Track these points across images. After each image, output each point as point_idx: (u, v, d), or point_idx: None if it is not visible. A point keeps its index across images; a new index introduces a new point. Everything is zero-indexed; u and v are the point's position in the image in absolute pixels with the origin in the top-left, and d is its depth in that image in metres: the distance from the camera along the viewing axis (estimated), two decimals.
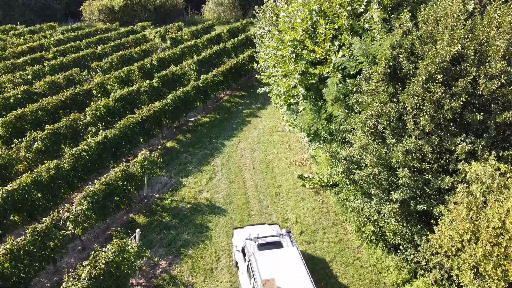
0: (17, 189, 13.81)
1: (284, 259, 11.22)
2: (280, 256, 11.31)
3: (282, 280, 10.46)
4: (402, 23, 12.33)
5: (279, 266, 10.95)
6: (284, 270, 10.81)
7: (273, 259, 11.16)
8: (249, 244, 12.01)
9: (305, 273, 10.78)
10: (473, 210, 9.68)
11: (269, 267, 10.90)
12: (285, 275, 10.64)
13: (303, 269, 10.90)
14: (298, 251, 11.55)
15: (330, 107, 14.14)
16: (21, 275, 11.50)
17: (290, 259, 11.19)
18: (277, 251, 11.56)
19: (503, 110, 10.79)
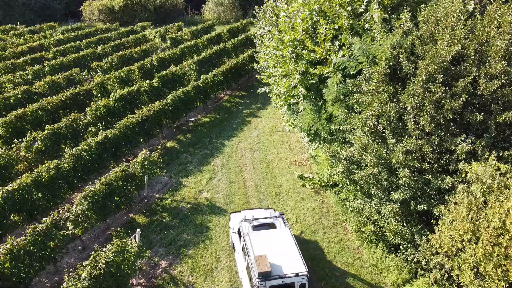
0: (18, 189, 13.82)
1: (277, 238, 11.94)
2: (273, 236, 12.04)
3: (274, 256, 11.17)
4: (403, 23, 12.33)
5: (271, 244, 11.67)
6: (276, 248, 11.52)
7: (266, 239, 11.86)
8: (244, 225, 12.68)
9: (296, 250, 11.51)
10: (474, 210, 9.68)
11: (262, 245, 11.59)
12: (276, 252, 11.35)
13: (294, 247, 11.60)
14: (290, 232, 12.29)
15: (330, 107, 14.14)
16: (21, 275, 11.51)
17: (282, 239, 11.92)
18: (270, 231, 12.30)
19: (503, 110, 10.79)
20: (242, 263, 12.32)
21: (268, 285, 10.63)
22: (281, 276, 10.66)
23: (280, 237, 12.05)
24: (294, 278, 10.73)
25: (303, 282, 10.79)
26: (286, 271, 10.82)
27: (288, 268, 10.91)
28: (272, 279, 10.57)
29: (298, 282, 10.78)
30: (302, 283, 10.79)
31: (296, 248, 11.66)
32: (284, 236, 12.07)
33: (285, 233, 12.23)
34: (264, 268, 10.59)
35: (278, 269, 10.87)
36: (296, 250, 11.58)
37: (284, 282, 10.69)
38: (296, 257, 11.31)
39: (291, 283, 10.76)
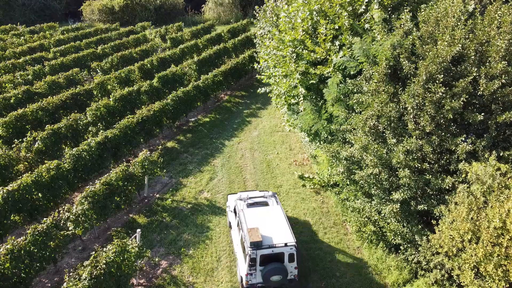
0: (18, 189, 13.82)
1: (268, 214, 12.92)
2: (265, 212, 13.01)
3: (265, 229, 12.15)
4: (403, 23, 12.33)
5: (263, 219, 12.62)
6: (268, 222, 12.49)
7: (258, 214, 12.83)
8: (239, 203, 13.62)
9: (286, 224, 12.46)
10: (474, 210, 9.68)
11: (255, 219, 12.54)
12: (268, 226, 12.34)
13: (284, 221, 12.57)
14: (281, 209, 13.26)
15: (330, 107, 14.14)
16: (21, 275, 11.51)
17: (274, 214, 12.91)
18: (263, 208, 13.26)
19: (504, 110, 10.79)
20: (237, 238, 13.13)
21: (259, 254, 11.47)
22: (271, 246, 11.54)
23: (272, 213, 12.96)
24: (283, 248, 11.59)
25: (292, 252, 11.64)
26: (275, 241, 11.70)
27: (278, 239, 11.79)
28: (263, 248, 11.46)
29: (287, 252, 11.63)
30: (291, 253, 11.65)
31: (286, 222, 12.55)
32: (276, 212, 12.99)
33: (277, 209, 13.16)
34: (255, 238, 11.46)
35: (269, 240, 11.76)
36: (286, 224, 12.47)
37: (274, 251, 11.56)
38: (285, 230, 12.20)
39: (280, 253, 11.60)
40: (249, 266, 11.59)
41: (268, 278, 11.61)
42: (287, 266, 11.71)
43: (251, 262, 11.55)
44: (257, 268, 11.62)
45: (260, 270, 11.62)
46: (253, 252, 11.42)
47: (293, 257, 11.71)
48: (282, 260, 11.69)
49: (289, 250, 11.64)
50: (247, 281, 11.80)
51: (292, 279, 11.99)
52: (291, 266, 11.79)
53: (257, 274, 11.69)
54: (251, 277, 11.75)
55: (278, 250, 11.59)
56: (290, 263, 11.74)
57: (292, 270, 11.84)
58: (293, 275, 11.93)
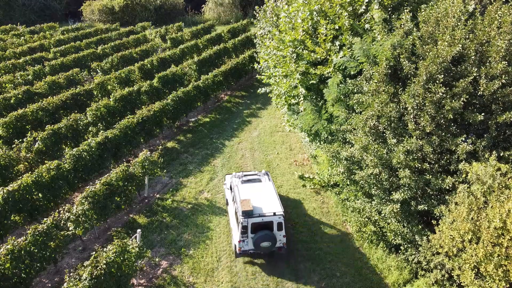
0: (18, 189, 13.82)
1: (260, 189, 14.19)
2: (258, 187, 14.28)
3: (257, 201, 13.40)
4: (403, 23, 12.33)
5: (255, 193, 13.86)
6: (259, 195, 13.74)
7: (251, 189, 14.10)
8: (235, 180, 14.89)
9: (275, 197, 13.72)
10: (474, 210, 9.68)
11: (248, 193, 13.81)
12: (259, 198, 13.58)
13: (274, 195, 13.83)
14: (273, 184, 14.60)
15: (330, 107, 14.15)
16: (22, 276, 11.51)
17: (265, 189, 14.20)
18: (256, 184, 14.56)
19: (504, 110, 10.79)
20: (232, 212, 14.22)
21: (250, 222, 12.72)
22: (261, 215, 12.81)
23: (264, 188, 14.27)
24: (272, 217, 12.83)
25: (280, 221, 12.88)
26: (265, 211, 12.97)
27: (267, 209, 13.07)
28: (254, 217, 12.73)
29: (276, 221, 12.86)
30: (279, 222, 12.88)
31: (276, 196, 13.83)
32: (267, 188, 14.32)
33: (268, 185, 14.53)
34: (247, 208, 12.74)
35: (259, 209, 13.04)
36: (276, 197, 13.74)
37: (263, 220, 12.81)
38: (275, 202, 13.48)
39: (269, 221, 12.84)
40: (241, 233, 12.85)
41: (259, 245, 12.79)
42: (276, 234, 12.93)
43: (243, 230, 12.80)
44: (248, 235, 12.86)
45: (252, 238, 12.84)
46: (245, 220, 12.68)
47: (282, 226, 12.93)
48: (271, 229, 12.90)
49: (278, 219, 12.87)
50: (240, 247, 13.02)
51: (281, 247, 13.25)
52: (280, 234, 13.02)
53: (248, 241, 12.94)
54: (243, 244, 13.00)
55: (267, 219, 12.81)
56: (279, 231, 12.97)
57: (281, 238, 13.07)
58: (281, 243, 13.17)
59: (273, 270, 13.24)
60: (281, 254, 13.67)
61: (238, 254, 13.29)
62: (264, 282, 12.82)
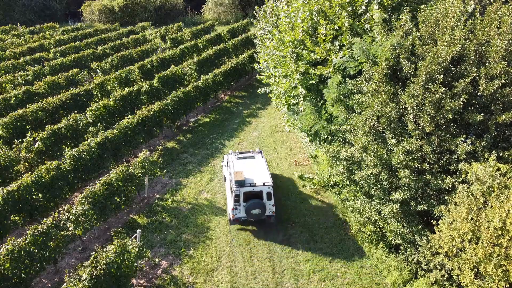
0: (18, 190, 13.82)
1: (253, 164, 15.65)
2: (251, 163, 15.72)
3: (249, 174, 14.84)
4: (403, 23, 12.33)
5: (248, 167, 15.31)
6: (251, 169, 15.18)
7: (245, 164, 15.56)
8: (231, 157, 16.42)
9: (266, 171, 15.14)
10: (474, 210, 9.68)
11: (241, 167, 15.28)
12: (251, 171, 15.03)
13: (265, 169, 15.28)
14: (265, 161, 16.05)
15: (330, 107, 14.15)
16: (21, 276, 11.51)
17: (258, 164, 15.63)
18: (250, 160, 16.01)
19: (504, 110, 10.79)
20: (228, 186, 15.45)
21: (242, 191, 14.13)
22: (252, 185, 14.19)
23: (256, 163, 15.73)
24: (262, 187, 14.21)
25: (269, 191, 14.26)
26: (256, 181, 14.34)
27: (258, 180, 14.43)
28: (245, 186, 14.13)
29: (265, 190, 14.25)
30: (268, 192, 14.26)
31: (266, 169, 15.25)
32: (259, 163, 15.75)
33: (261, 161, 15.95)
34: (239, 178, 14.17)
35: (250, 180, 14.46)
36: (266, 171, 15.14)
37: (254, 189, 14.18)
38: (265, 174, 14.88)
39: (259, 191, 14.22)
40: (234, 201, 14.22)
41: (250, 212, 14.17)
42: (266, 203, 14.31)
43: (236, 198, 14.17)
44: (241, 203, 14.22)
45: (244, 206, 14.22)
46: (237, 189, 14.09)
47: (271, 195, 14.30)
48: (261, 198, 14.30)
49: (267, 189, 14.25)
50: (233, 215, 14.39)
51: (271, 215, 14.60)
52: (269, 204, 14.38)
53: (241, 209, 14.30)
54: (236, 212, 14.37)
55: (258, 189, 14.21)
56: (268, 200, 14.35)
57: (270, 207, 14.42)
58: (271, 212, 14.51)
59: (273, 270, 13.25)
60: (280, 256, 13.70)
61: (231, 221, 14.67)
62: (264, 282, 12.83)
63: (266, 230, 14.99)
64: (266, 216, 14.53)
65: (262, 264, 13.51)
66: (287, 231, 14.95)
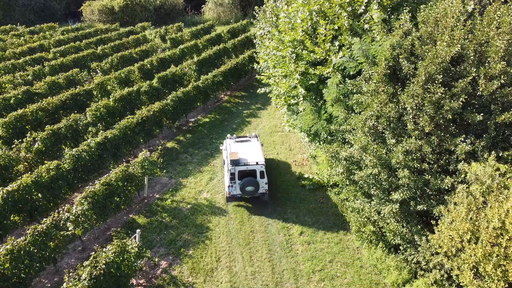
0: (18, 190, 13.83)
1: (249, 146, 16.97)
2: (246, 145, 17.05)
3: (244, 154, 16.22)
4: (402, 23, 12.33)
5: (244, 149, 16.68)
6: (246, 150, 16.56)
7: (241, 146, 16.95)
8: (229, 141, 17.59)
9: (260, 152, 16.47)
10: (473, 210, 9.69)
11: (237, 148, 16.71)
12: (246, 152, 16.39)
13: (259, 150, 16.60)
14: (260, 144, 17.35)
15: (330, 107, 14.16)
16: (21, 276, 11.52)
17: (252, 146, 16.99)
18: (246, 143, 17.32)
19: (503, 110, 10.79)
20: (226, 167, 16.40)
21: (237, 169, 15.45)
22: (246, 164, 15.52)
23: (251, 146, 17.04)
24: (255, 166, 15.50)
25: (262, 170, 15.55)
26: (250, 161, 15.69)
27: (252, 160, 15.79)
28: (240, 165, 15.46)
29: (258, 169, 15.52)
30: (261, 170, 15.56)
31: (260, 151, 16.58)
32: (254, 145, 17.07)
33: (256, 144, 17.26)
34: (234, 157, 15.45)
35: (245, 160, 15.78)
36: (260, 152, 16.47)
37: (248, 168, 15.48)
38: (259, 155, 16.21)
39: (253, 170, 15.51)
40: (230, 179, 15.52)
41: (244, 189, 15.36)
42: (259, 181, 15.53)
43: (231, 176, 15.49)
44: (236, 181, 15.50)
45: (238, 183, 15.44)
46: (233, 168, 15.44)
47: (263, 174, 15.56)
48: (255, 176, 15.59)
49: (260, 168, 15.54)
50: (229, 192, 15.69)
51: (264, 193, 15.84)
52: (262, 182, 15.60)
53: (236, 186, 15.57)
54: (232, 189, 15.65)
55: (251, 168, 15.50)
56: (261, 178, 15.58)
57: (263, 185, 15.64)
58: (264, 190, 15.74)
59: (273, 270, 13.26)
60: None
61: (228, 198, 15.98)
62: (263, 282, 12.84)
63: (268, 233, 15.01)
64: (259, 193, 15.75)
65: (261, 264, 13.52)
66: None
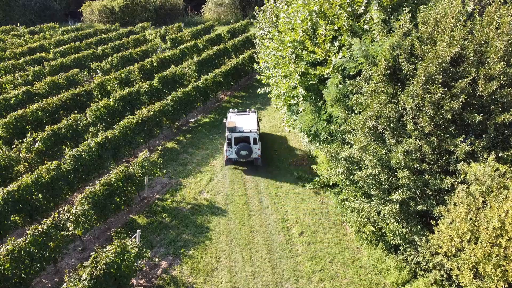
0: (18, 190, 13.84)
1: (246, 118, 19.65)
2: (245, 117, 19.83)
3: (241, 124, 18.97)
4: (402, 24, 12.35)
5: (241, 120, 19.43)
6: (244, 121, 19.28)
7: (239, 118, 19.70)
8: (230, 114, 20.26)
9: (255, 122, 19.14)
10: (473, 210, 9.70)
11: (236, 119, 19.46)
12: (243, 123, 19.12)
13: (255, 121, 19.26)
14: (256, 116, 19.98)
15: (330, 107, 14.17)
16: (21, 276, 11.53)
17: (249, 118, 19.64)
18: (244, 116, 20.08)
19: (503, 111, 10.81)
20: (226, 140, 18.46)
21: (233, 136, 18.09)
22: (241, 131, 18.19)
23: (249, 118, 19.71)
24: (249, 133, 18.16)
25: (255, 137, 18.19)
26: (244, 129, 18.35)
27: (246, 128, 18.45)
28: (236, 132, 18.13)
29: (252, 136, 18.17)
30: (254, 137, 18.20)
31: (256, 122, 19.21)
32: (251, 118, 19.68)
33: (253, 116, 19.85)
34: (231, 125, 18.20)
35: (241, 128, 18.47)
36: (255, 122, 19.10)
37: (243, 135, 18.14)
38: (253, 125, 18.79)
39: (247, 136, 18.20)
40: (227, 144, 18.24)
41: (239, 153, 17.98)
42: (253, 147, 18.15)
43: (229, 142, 18.17)
44: (232, 146, 18.16)
45: (234, 148, 18.10)
46: (230, 134, 18.11)
47: (256, 140, 18.19)
48: (249, 142, 18.21)
49: (253, 135, 18.14)
50: (227, 155, 18.41)
51: (257, 158, 18.54)
52: (255, 147, 18.25)
53: (232, 151, 18.20)
54: (229, 153, 18.33)
55: (245, 135, 18.12)
56: (255, 145, 18.22)
57: (256, 150, 18.32)
58: (257, 155, 18.43)
59: (273, 270, 13.27)
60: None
61: (226, 161, 18.70)
62: (263, 282, 12.85)
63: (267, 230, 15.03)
64: (253, 158, 18.42)
65: (261, 264, 13.53)
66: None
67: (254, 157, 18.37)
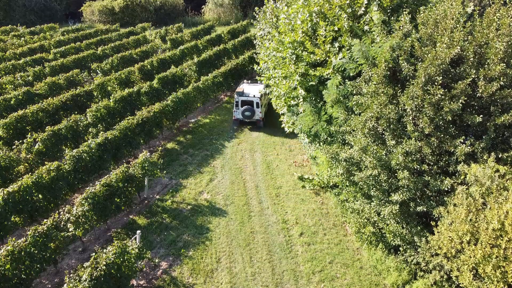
0: (18, 191, 13.85)
1: (254, 87, 24.01)
2: (253, 86, 24.21)
3: (248, 90, 23.29)
4: (402, 25, 12.37)
5: (250, 88, 23.73)
6: (252, 89, 23.51)
7: (250, 86, 24.11)
8: (242, 84, 24.68)
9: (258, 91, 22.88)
10: (473, 211, 9.71)
11: (245, 87, 23.80)
12: (251, 90, 23.35)
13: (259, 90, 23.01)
14: (263, 86, 23.62)
15: (330, 108, 14.18)
16: (22, 276, 11.54)
17: (257, 87, 23.84)
18: (254, 85, 24.38)
19: (502, 112, 10.82)
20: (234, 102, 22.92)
21: (240, 99, 22.47)
22: (246, 95, 22.47)
23: (257, 87, 23.93)
24: (253, 98, 22.38)
25: (257, 101, 22.35)
26: (250, 94, 22.53)
27: (251, 94, 22.58)
28: (242, 96, 22.46)
29: (255, 100, 22.38)
30: (257, 102, 22.37)
31: (259, 91, 22.92)
32: (258, 87, 23.73)
33: (260, 86, 23.83)
34: (239, 90, 22.68)
35: (247, 93, 22.63)
36: (259, 91, 22.91)
37: (248, 99, 22.40)
38: (257, 92, 22.86)
39: (251, 101, 22.45)
40: (235, 106, 22.70)
41: (244, 113, 22.48)
42: (255, 110, 22.45)
43: (236, 104, 22.62)
44: (239, 108, 22.61)
45: (241, 110, 22.54)
46: (237, 97, 22.49)
47: (258, 104, 22.36)
48: (252, 105, 22.47)
49: (256, 99, 22.33)
50: (234, 115, 23.00)
51: (259, 120, 22.87)
52: (258, 110, 22.48)
53: (238, 112, 22.70)
54: (236, 113, 22.90)
55: (250, 99, 22.38)
56: (257, 108, 22.42)
57: (258, 113, 22.54)
58: (259, 117, 22.66)
59: (273, 271, 13.28)
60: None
61: (234, 121, 23.45)
62: (263, 283, 12.86)
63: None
64: (255, 119, 22.70)
65: (261, 265, 13.54)
66: None
67: (256, 119, 22.58)
